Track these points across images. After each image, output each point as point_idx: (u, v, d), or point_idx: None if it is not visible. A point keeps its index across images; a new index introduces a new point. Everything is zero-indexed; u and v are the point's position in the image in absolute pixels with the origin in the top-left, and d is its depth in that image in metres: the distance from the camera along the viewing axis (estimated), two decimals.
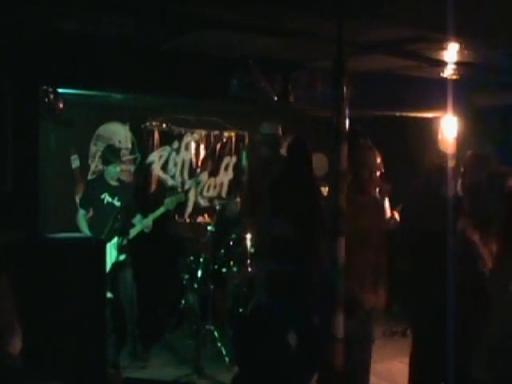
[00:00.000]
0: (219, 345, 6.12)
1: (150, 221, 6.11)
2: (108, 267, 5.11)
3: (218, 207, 6.96)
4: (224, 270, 6.51)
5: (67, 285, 4.30)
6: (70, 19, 4.82)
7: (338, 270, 3.76)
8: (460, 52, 5.55)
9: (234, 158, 8.19)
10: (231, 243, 6.56)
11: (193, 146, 7.89)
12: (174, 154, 7.81)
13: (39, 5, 4.42)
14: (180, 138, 7.82)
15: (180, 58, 5.81)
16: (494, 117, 7.33)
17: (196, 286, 6.55)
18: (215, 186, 8.11)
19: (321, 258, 4.63)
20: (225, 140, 8.11)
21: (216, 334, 6.25)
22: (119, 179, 6.14)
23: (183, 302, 6.77)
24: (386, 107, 7.19)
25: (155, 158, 7.67)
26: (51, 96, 5.32)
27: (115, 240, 5.86)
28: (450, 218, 4.43)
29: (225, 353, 6.02)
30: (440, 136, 7.64)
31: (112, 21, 4.83)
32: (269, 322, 2.53)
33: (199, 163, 7.97)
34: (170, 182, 7.80)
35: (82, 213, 6.05)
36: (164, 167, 7.76)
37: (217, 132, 8.03)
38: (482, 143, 6.84)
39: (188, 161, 7.91)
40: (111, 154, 6.08)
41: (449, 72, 6.22)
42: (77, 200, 6.65)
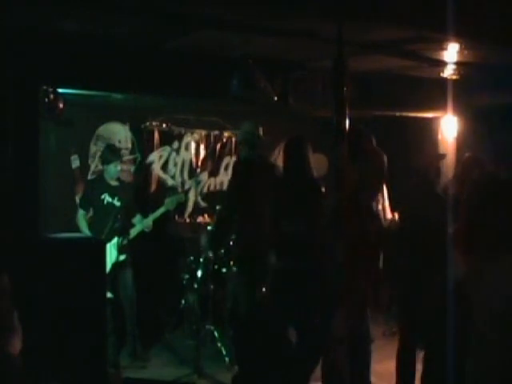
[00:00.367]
0: (219, 345, 6.12)
1: (151, 221, 6.12)
2: (108, 267, 5.10)
3: (217, 207, 6.96)
4: (224, 270, 6.51)
5: (67, 285, 4.31)
6: (70, 19, 4.82)
7: (339, 269, 3.77)
8: (460, 52, 5.55)
9: (234, 158, 8.18)
10: (231, 243, 6.55)
11: (193, 145, 7.89)
12: (174, 153, 7.81)
13: (39, 5, 4.42)
14: (180, 138, 7.82)
15: (180, 57, 5.81)
16: (494, 117, 7.33)
17: (196, 285, 6.54)
18: (215, 186, 8.11)
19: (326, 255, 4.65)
20: (225, 140, 8.11)
21: (216, 333, 6.26)
22: (119, 179, 6.13)
23: (183, 301, 6.77)
24: (386, 107, 7.19)
25: (155, 157, 7.67)
26: (51, 96, 5.32)
27: (115, 240, 5.87)
28: (447, 216, 4.44)
29: (225, 353, 6.02)
30: (440, 136, 7.65)
31: (112, 21, 4.82)
32: (269, 320, 2.54)
33: (199, 163, 7.97)
34: (170, 182, 7.80)
35: (81, 213, 6.05)
36: (164, 167, 7.76)
37: (217, 132, 8.02)
38: (482, 144, 6.85)
39: (188, 161, 7.91)
40: (111, 154, 6.08)
41: (449, 72, 6.22)
42: (77, 200, 6.65)
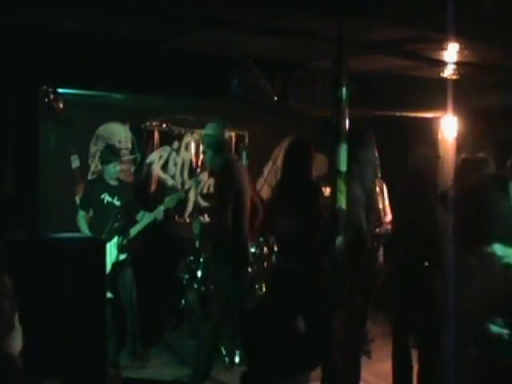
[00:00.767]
0: (219, 345, 6.12)
1: (152, 217, 6.12)
2: (108, 267, 5.11)
3: None
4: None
5: (67, 285, 4.31)
6: (70, 19, 4.82)
7: (338, 269, 3.77)
8: (460, 52, 5.55)
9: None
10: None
11: (193, 145, 7.89)
12: (174, 154, 7.81)
13: (39, 5, 4.42)
14: (180, 138, 7.82)
15: (180, 57, 5.81)
16: (494, 117, 7.33)
17: (196, 285, 6.54)
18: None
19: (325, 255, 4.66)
20: None
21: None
22: (119, 179, 6.14)
23: (183, 301, 6.77)
24: (386, 107, 7.19)
25: (155, 157, 7.67)
26: (51, 96, 5.32)
27: (115, 239, 5.87)
28: (437, 216, 4.44)
29: (225, 353, 6.02)
30: (440, 136, 7.65)
31: (112, 21, 4.83)
32: (277, 313, 2.54)
33: (199, 163, 7.97)
34: (170, 182, 7.80)
35: (81, 214, 6.05)
36: (164, 167, 7.76)
37: None
38: (482, 144, 6.85)
39: (188, 161, 7.92)
40: (110, 154, 6.08)
41: (449, 72, 6.22)
42: (77, 200, 6.65)
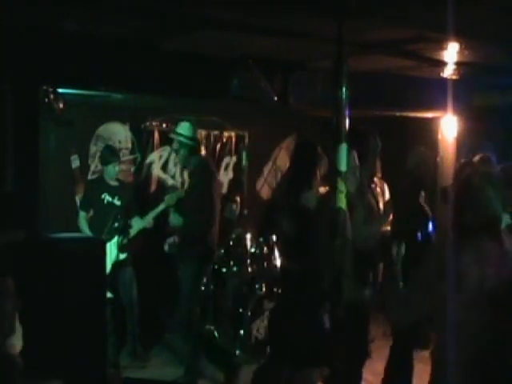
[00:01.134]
0: (219, 345, 6.12)
1: (151, 218, 6.11)
2: (108, 266, 5.10)
3: None
4: (224, 270, 6.50)
5: (67, 285, 4.31)
6: (70, 19, 4.82)
7: (339, 269, 3.77)
8: (460, 52, 5.55)
9: (234, 158, 8.19)
10: (231, 243, 6.55)
11: None
12: (174, 153, 7.79)
13: (39, 5, 4.42)
14: None
15: (180, 57, 5.81)
16: (494, 117, 7.33)
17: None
18: None
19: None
20: (225, 140, 8.10)
21: (216, 333, 6.25)
22: (119, 179, 6.13)
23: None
24: (386, 107, 7.18)
25: (155, 157, 7.67)
26: (51, 96, 5.32)
27: (115, 239, 5.87)
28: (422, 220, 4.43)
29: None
30: (440, 136, 7.65)
31: (112, 21, 4.82)
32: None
33: None
34: (170, 182, 7.79)
35: (82, 215, 6.05)
36: (164, 167, 7.75)
37: (217, 132, 8.02)
38: (482, 144, 6.85)
39: None
40: (110, 155, 6.08)
41: (449, 72, 6.22)
42: (77, 200, 6.65)
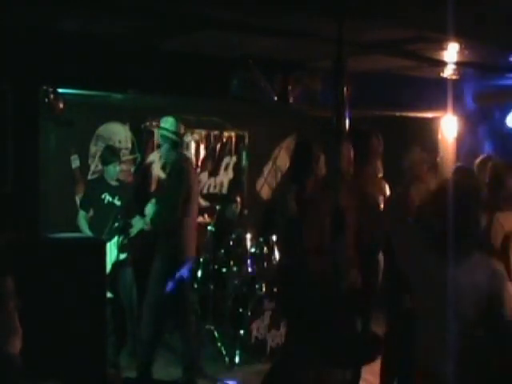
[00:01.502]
0: (219, 345, 6.12)
1: (141, 226, 6.08)
2: (108, 267, 5.10)
3: (217, 207, 6.96)
4: (224, 270, 6.51)
5: (67, 285, 4.31)
6: (70, 19, 4.82)
7: (340, 269, 3.77)
8: (460, 52, 5.55)
9: (234, 158, 8.19)
10: (231, 243, 6.56)
11: (193, 145, 7.89)
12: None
13: (39, 5, 4.42)
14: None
15: (180, 58, 5.81)
16: (494, 117, 7.34)
17: (196, 285, 6.54)
18: (215, 186, 8.11)
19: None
20: (225, 140, 8.11)
21: (216, 333, 6.26)
22: (119, 179, 6.13)
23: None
24: (386, 107, 7.19)
25: (155, 158, 7.66)
26: (51, 96, 5.32)
27: (115, 239, 5.86)
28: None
29: (225, 353, 6.02)
30: (440, 136, 7.66)
31: (112, 21, 4.82)
32: None
33: (199, 163, 7.97)
34: None
35: (82, 214, 6.05)
36: (164, 167, 7.74)
37: (217, 132, 8.02)
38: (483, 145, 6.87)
39: None
40: (110, 155, 6.08)
41: (449, 72, 6.22)
42: (77, 200, 6.65)
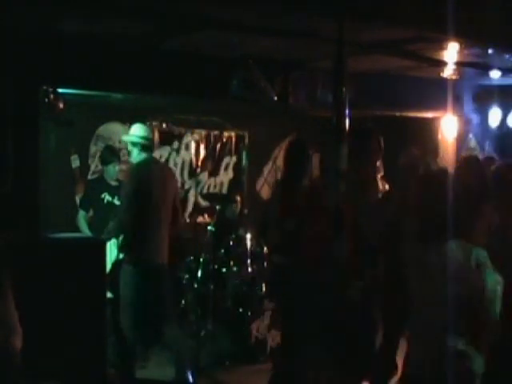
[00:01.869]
0: (219, 345, 6.12)
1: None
2: (108, 267, 5.10)
3: (217, 207, 6.96)
4: (224, 270, 6.51)
5: (67, 285, 4.31)
6: (70, 19, 4.82)
7: (340, 268, 3.77)
8: (460, 52, 5.56)
9: (234, 158, 8.19)
10: (231, 243, 6.56)
11: (193, 145, 7.90)
12: (174, 153, 7.80)
13: (39, 5, 4.42)
14: (180, 138, 7.82)
15: (180, 58, 5.81)
16: (494, 116, 7.34)
17: (196, 285, 6.54)
18: (215, 186, 8.11)
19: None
20: (225, 140, 8.11)
21: (216, 333, 6.25)
22: (118, 179, 6.13)
23: (183, 301, 6.76)
24: (386, 107, 7.19)
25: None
26: (51, 96, 5.32)
27: (115, 239, 5.86)
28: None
29: (225, 353, 6.02)
30: (440, 136, 7.66)
31: (112, 21, 4.82)
32: None
33: (199, 163, 7.98)
34: None
35: (81, 214, 6.05)
36: None
37: (217, 132, 8.03)
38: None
39: (188, 161, 7.91)
40: (110, 155, 6.08)
41: (449, 72, 6.22)
42: (77, 200, 6.65)
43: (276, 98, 6.03)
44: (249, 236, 6.50)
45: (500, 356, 3.01)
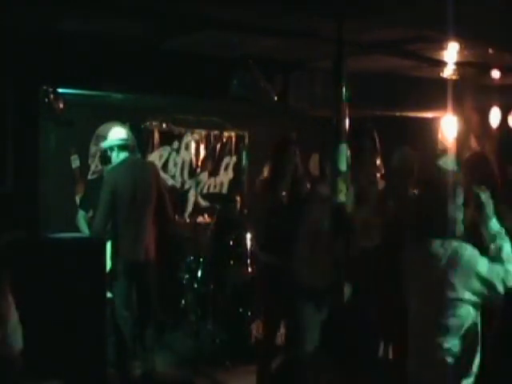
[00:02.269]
0: (219, 345, 6.11)
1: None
2: (108, 266, 5.10)
3: (217, 207, 6.97)
4: (224, 270, 6.51)
5: (67, 285, 4.31)
6: (70, 19, 4.82)
7: (340, 268, 3.77)
8: (460, 52, 5.55)
9: (234, 158, 8.19)
10: (231, 243, 6.56)
11: (193, 146, 7.90)
12: (174, 153, 7.80)
13: (39, 5, 4.42)
14: (180, 138, 7.82)
15: (180, 57, 5.81)
16: (494, 116, 7.34)
17: (196, 285, 6.54)
18: (215, 186, 8.11)
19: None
20: (225, 140, 8.11)
21: (216, 333, 6.25)
22: None
23: (183, 301, 6.76)
24: (386, 107, 7.18)
25: (155, 158, 7.67)
26: (51, 96, 5.31)
27: None
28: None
29: (225, 353, 6.01)
30: (440, 136, 7.65)
31: (112, 21, 4.82)
32: None
33: (199, 163, 7.98)
34: (170, 182, 7.80)
35: (81, 214, 6.04)
36: (164, 167, 7.75)
37: (217, 132, 8.03)
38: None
39: (188, 161, 7.91)
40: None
41: (449, 72, 6.22)
42: (77, 200, 6.64)
43: (276, 98, 6.02)
44: (249, 236, 6.50)
45: (500, 356, 3.01)
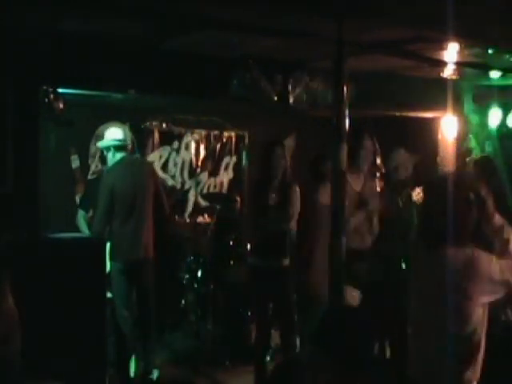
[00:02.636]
0: (219, 345, 6.11)
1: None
2: (108, 266, 5.11)
3: (217, 207, 6.96)
4: (224, 270, 6.51)
5: (67, 285, 4.31)
6: (70, 19, 4.82)
7: (340, 268, 3.77)
8: (460, 52, 5.55)
9: (234, 158, 8.19)
10: (231, 243, 6.56)
11: (193, 145, 7.90)
12: (174, 153, 7.81)
13: (39, 5, 4.42)
14: (180, 138, 7.82)
15: (180, 57, 5.81)
16: (494, 116, 7.34)
17: (196, 285, 6.55)
18: (215, 186, 8.11)
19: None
20: (225, 140, 8.11)
21: (216, 334, 6.25)
22: None
23: (183, 301, 6.77)
24: (386, 107, 7.18)
25: (155, 158, 7.67)
26: (51, 96, 5.31)
27: None
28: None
29: (224, 353, 6.01)
30: (440, 136, 7.65)
31: (112, 21, 4.82)
32: None
33: (199, 163, 7.98)
34: (170, 182, 7.80)
35: (81, 213, 6.04)
36: (164, 167, 7.76)
37: (217, 132, 8.03)
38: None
39: (188, 161, 7.91)
40: None
41: (449, 72, 6.21)
42: (77, 200, 6.65)
43: (276, 98, 6.03)
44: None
45: (500, 357, 3.01)
